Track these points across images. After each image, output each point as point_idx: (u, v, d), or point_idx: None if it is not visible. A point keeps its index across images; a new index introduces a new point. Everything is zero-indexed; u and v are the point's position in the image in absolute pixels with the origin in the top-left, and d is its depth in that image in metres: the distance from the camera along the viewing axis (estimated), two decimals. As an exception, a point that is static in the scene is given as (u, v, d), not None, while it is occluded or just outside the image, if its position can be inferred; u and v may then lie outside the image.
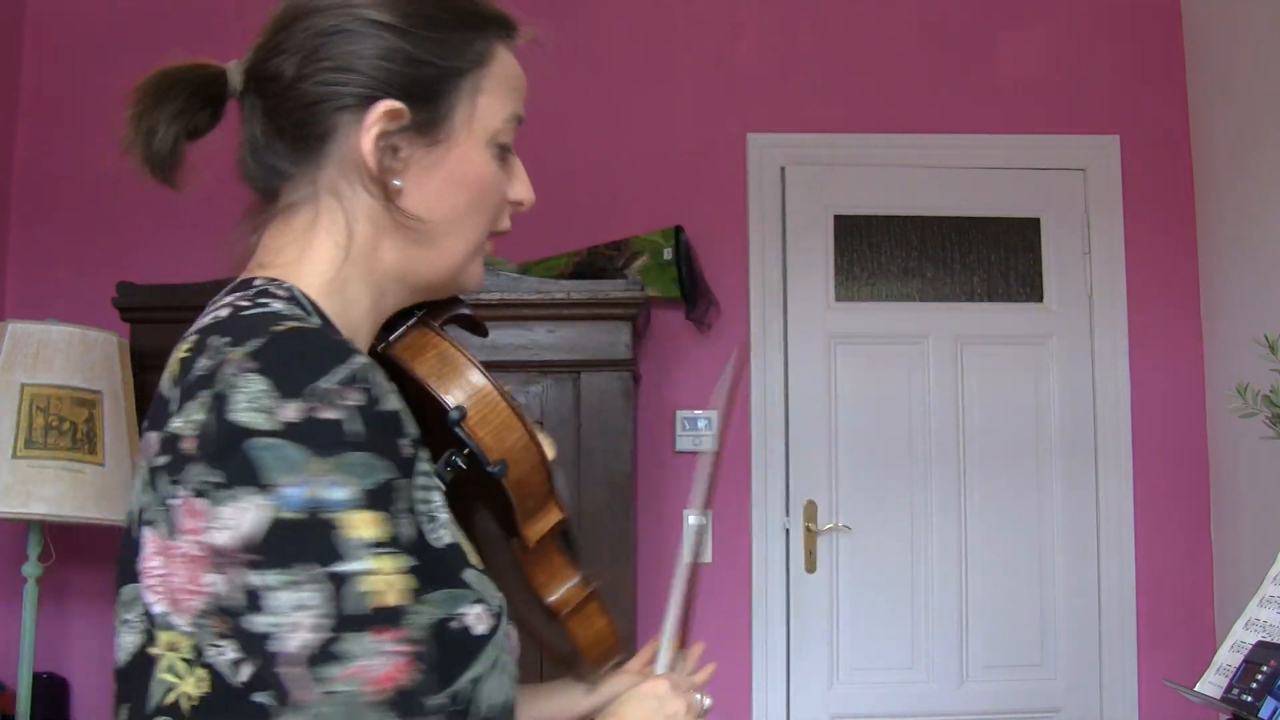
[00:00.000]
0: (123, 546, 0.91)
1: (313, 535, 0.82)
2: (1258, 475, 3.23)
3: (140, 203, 3.59)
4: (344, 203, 1.00)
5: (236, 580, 0.82)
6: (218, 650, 0.84)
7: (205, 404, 0.85)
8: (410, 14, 0.99)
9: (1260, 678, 1.85)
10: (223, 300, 0.96)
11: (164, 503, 0.86)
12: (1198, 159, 3.62)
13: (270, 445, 0.82)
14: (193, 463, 0.84)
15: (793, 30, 3.69)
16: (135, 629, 0.88)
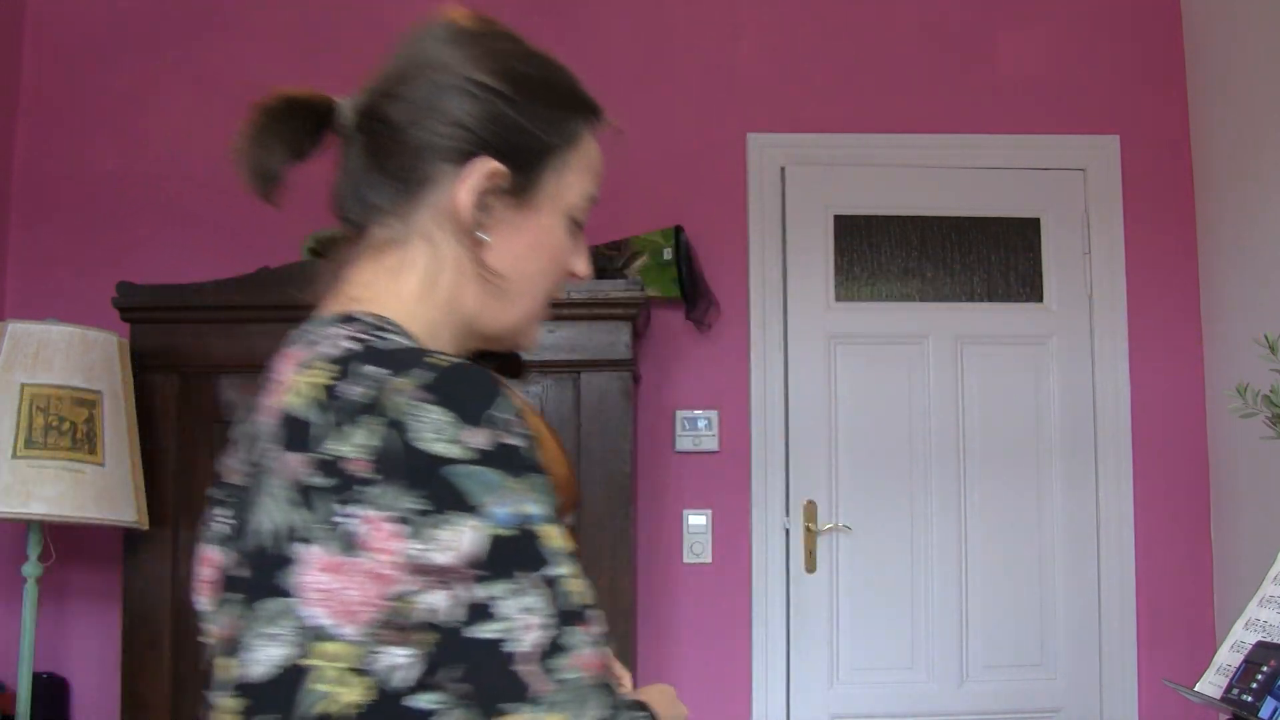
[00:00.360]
0: (256, 565, 0.94)
1: (526, 547, 0.91)
2: (1258, 475, 3.23)
3: (140, 203, 3.59)
4: (435, 248, 1.06)
5: (462, 595, 0.89)
6: (384, 659, 0.90)
7: (377, 430, 0.90)
8: (520, 86, 1.09)
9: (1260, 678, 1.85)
10: (334, 331, 1.02)
11: (329, 521, 0.90)
12: (1198, 159, 3.62)
13: (470, 472, 0.90)
14: (372, 485, 0.89)
15: (793, 30, 3.69)
16: (284, 641, 0.92)
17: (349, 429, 0.91)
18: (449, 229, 1.05)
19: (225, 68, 3.64)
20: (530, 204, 1.08)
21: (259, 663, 0.92)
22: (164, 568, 3.00)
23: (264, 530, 0.93)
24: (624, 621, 2.98)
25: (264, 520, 0.94)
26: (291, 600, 0.91)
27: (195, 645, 2.98)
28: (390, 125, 1.10)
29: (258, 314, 3.05)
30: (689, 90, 3.66)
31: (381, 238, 1.08)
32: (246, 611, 0.94)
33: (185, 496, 3.03)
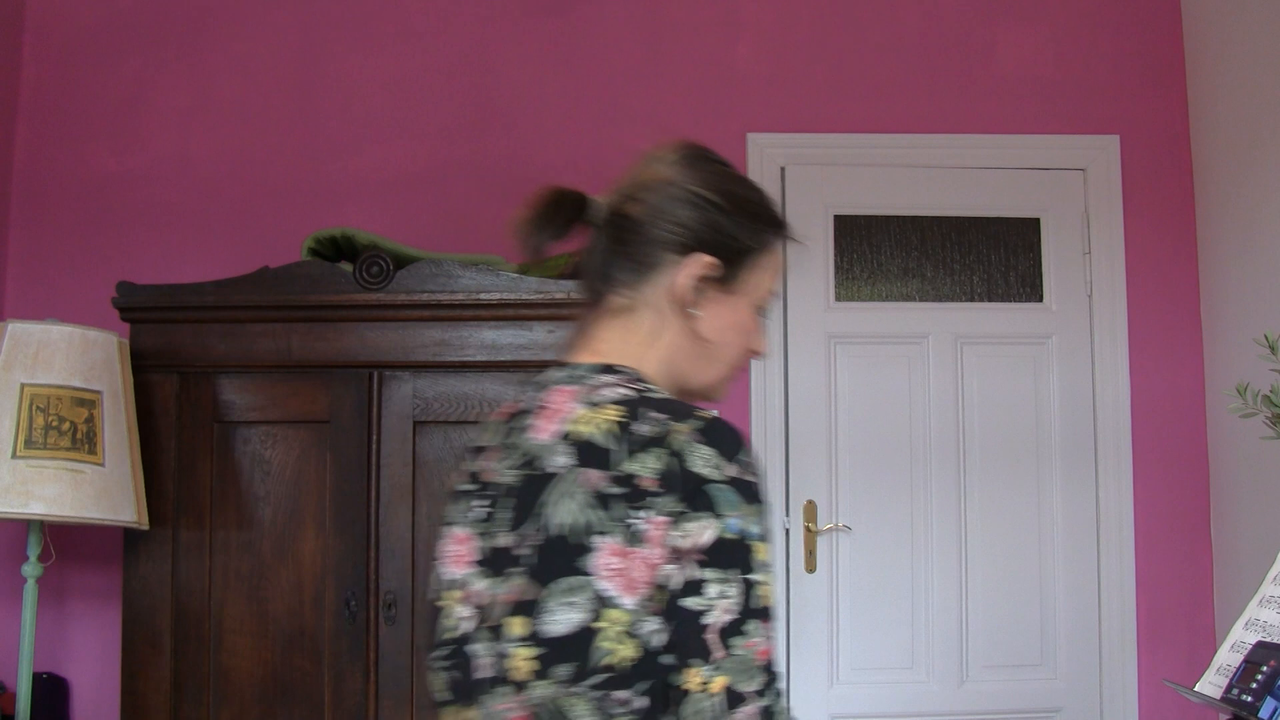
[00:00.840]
0: (552, 549, 1.24)
1: (740, 552, 1.22)
2: (1258, 475, 3.23)
3: (140, 203, 3.59)
4: (659, 317, 1.41)
5: (686, 572, 1.20)
6: (647, 625, 1.21)
7: (662, 458, 1.24)
8: (730, 200, 1.42)
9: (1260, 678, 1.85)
10: (604, 379, 1.35)
11: (621, 521, 1.23)
12: (1198, 159, 3.62)
13: (721, 489, 1.23)
14: (657, 496, 1.23)
15: (793, 30, 3.69)
16: (581, 608, 1.22)
17: (641, 455, 1.24)
18: (670, 304, 1.40)
19: (225, 68, 3.64)
20: (731, 291, 1.42)
21: (559, 622, 1.22)
22: (164, 568, 3.00)
23: (563, 524, 1.24)
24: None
25: (562, 516, 1.24)
26: (589, 578, 1.22)
27: (195, 645, 2.99)
28: (632, 222, 1.43)
29: (258, 314, 3.06)
30: (688, 90, 3.66)
31: (618, 305, 1.43)
32: (535, 583, 1.24)
33: (185, 496, 3.03)
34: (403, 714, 2.98)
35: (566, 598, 1.22)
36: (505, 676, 1.25)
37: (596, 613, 1.20)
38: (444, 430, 3.06)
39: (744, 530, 1.22)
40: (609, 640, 1.20)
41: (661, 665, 1.20)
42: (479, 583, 1.31)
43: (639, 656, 1.20)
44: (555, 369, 1.43)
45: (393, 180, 3.59)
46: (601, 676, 1.20)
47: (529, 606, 1.23)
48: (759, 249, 1.43)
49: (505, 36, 3.67)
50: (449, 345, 3.07)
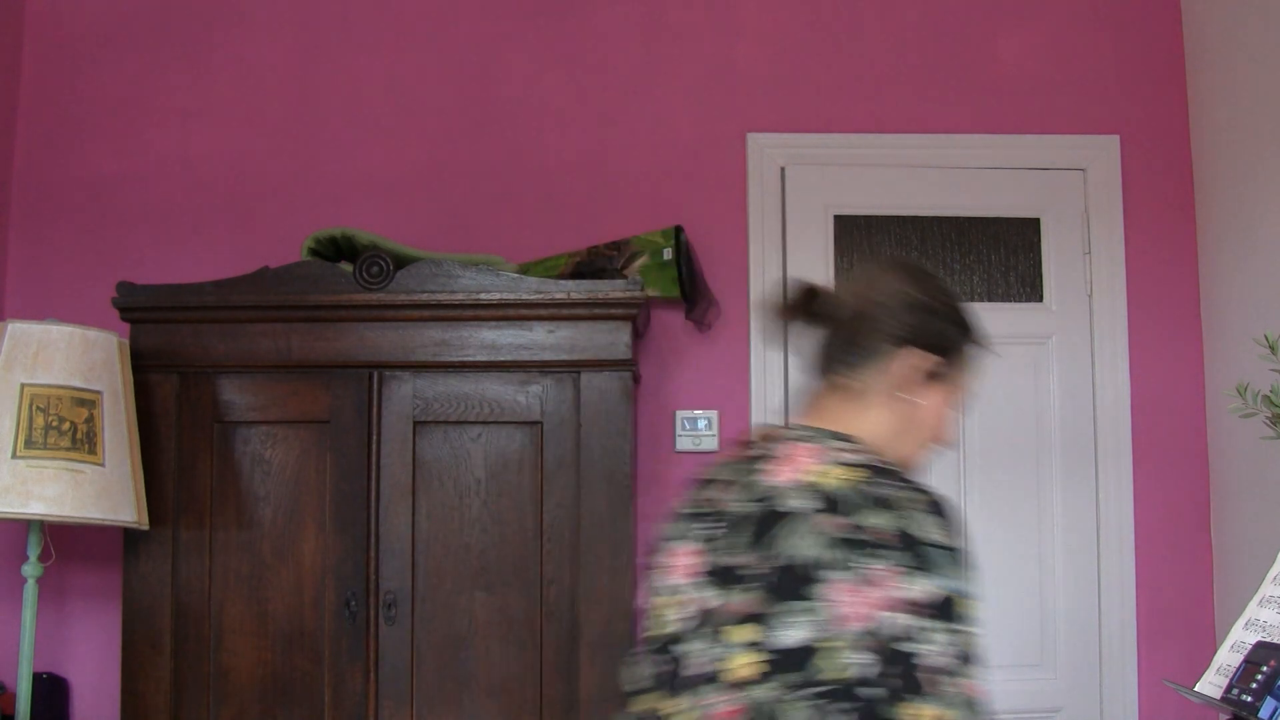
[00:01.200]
0: (786, 574, 1.46)
1: (958, 608, 1.44)
2: (1258, 475, 3.23)
3: (140, 203, 3.59)
4: (879, 398, 1.66)
5: (908, 620, 1.41)
6: (857, 657, 1.41)
7: (895, 519, 1.46)
8: (946, 312, 1.69)
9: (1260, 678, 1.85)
10: (840, 444, 1.58)
11: (854, 563, 1.44)
12: (1198, 159, 3.62)
13: (944, 554, 1.46)
14: (890, 550, 1.44)
15: (793, 30, 3.69)
16: (807, 627, 1.43)
17: (878, 513, 1.47)
18: (889, 387, 1.66)
19: (225, 68, 3.64)
20: (938, 385, 1.69)
21: (788, 637, 1.43)
22: (164, 568, 3.00)
23: (797, 555, 1.46)
24: (624, 622, 2.98)
25: (797, 549, 1.46)
26: (816, 604, 1.43)
27: (195, 645, 2.99)
28: (865, 319, 1.66)
29: (258, 314, 3.06)
30: (689, 90, 3.66)
31: (844, 383, 1.67)
32: (768, 599, 1.46)
33: (185, 496, 3.03)
34: (403, 714, 2.98)
35: (797, 616, 1.44)
36: (718, 676, 1.47)
37: (821, 633, 1.42)
38: (444, 430, 3.06)
39: (960, 590, 1.45)
40: (825, 659, 1.41)
41: (859, 695, 1.40)
42: (703, 592, 1.55)
43: (846, 680, 1.40)
44: (787, 428, 1.67)
45: (393, 180, 3.60)
46: (821, 688, 1.41)
47: (759, 618, 1.45)
48: (962, 352, 1.72)
49: (505, 37, 3.67)
50: (449, 345, 3.07)
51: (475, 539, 3.04)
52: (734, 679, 1.45)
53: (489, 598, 3.02)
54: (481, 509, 3.05)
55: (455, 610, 3.02)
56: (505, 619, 3.01)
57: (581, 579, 2.99)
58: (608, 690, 2.95)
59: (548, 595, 3.01)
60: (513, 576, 3.02)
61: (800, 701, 1.41)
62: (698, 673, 1.50)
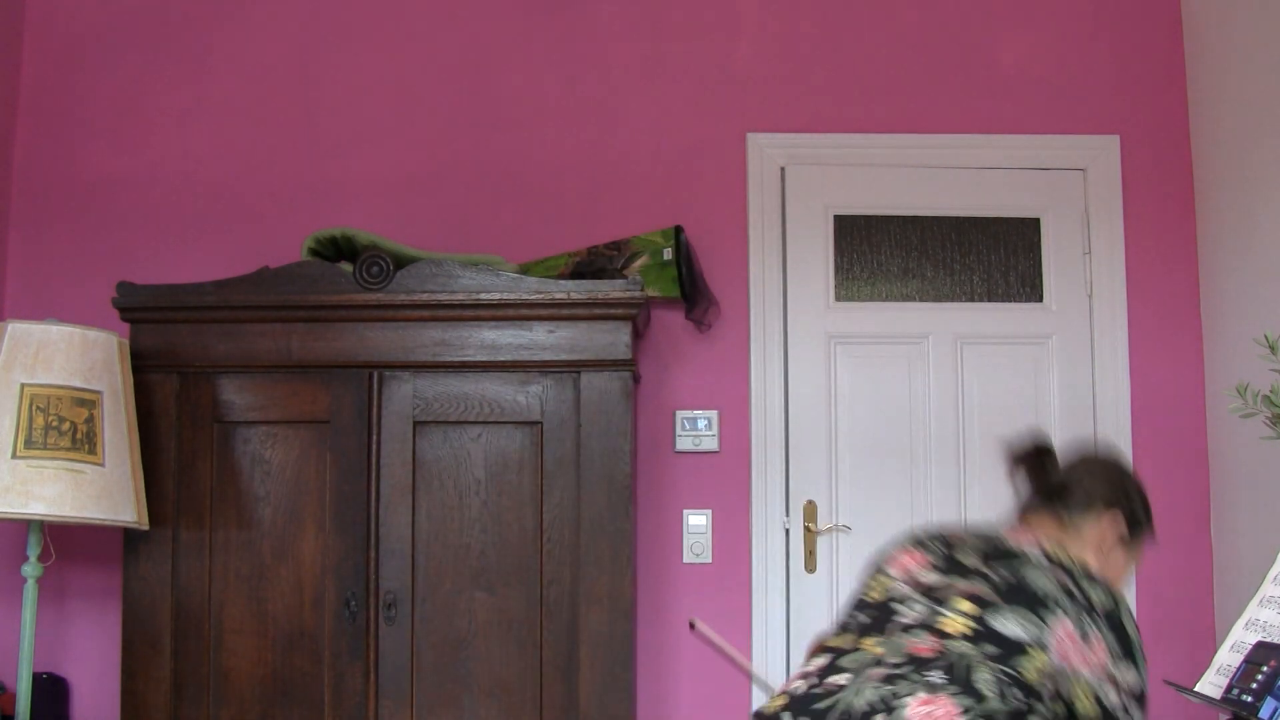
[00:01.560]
0: (1021, 589, 1.85)
1: (1138, 689, 1.82)
2: (1258, 475, 3.23)
3: (140, 203, 3.59)
4: (1093, 543, 2.10)
5: (1120, 700, 1.81)
6: (1057, 684, 1.79)
7: (1106, 599, 1.85)
8: (1142, 497, 2.16)
9: (1260, 678, 1.85)
10: (1078, 561, 1.93)
11: (1078, 616, 1.82)
12: (1198, 159, 3.62)
13: (1134, 644, 1.83)
14: (1100, 620, 1.82)
15: (793, 30, 3.69)
16: (1025, 631, 1.80)
17: (1095, 587, 1.85)
18: (1096, 537, 2.10)
19: (225, 68, 3.64)
20: (1127, 546, 2.12)
21: (1006, 628, 1.79)
22: (164, 568, 3.00)
23: (1034, 582, 1.85)
24: (624, 621, 2.98)
25: (1034, 578, 1.85)
26: (1041, 624, 1.80)
27: (195, 645, 3.00)
28: (1090, 483, 2.15)
29: (258, 314, 3.06)
30: (688, 90, 3.66)
31: (1061, 518, 2.12)
32: (996, 595, 1.83)
33: (185, 496, 3.03)
34: (403, 714, 2.98)
35: (1021, 620, 1.80)
36: (930, 625, 1.83)
37: (1034, 646, 1.77)
38: (444, 430, 3.06)
39: (1140, 679, 1.83)
40: (1027, 666, 1.76)
41: (1034, 706, 1.75)
42: (926, 576, 1.94)
43: (1031, 684, 1.75)
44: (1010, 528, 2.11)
45: (393, 180, 3.60)
46: (1011, 674, 1.75)
47: (982, 603, 1.82)
48: (1142, 529, 2.15)
49: (505, 36, 3.67)
50: (449, 345, 3.06)
51: (475, 539, 3.04)
52: (943, 630, 1.81)
53: (489, 598, 3.02)
54: (481, 509, 3.05)
55: (455, 610, 3.02)
56: (505, 619, 3.01)
57: (581, 579, 2.99)
58: (608, 690, 2.95)
59: (548, 595, 3.00)
60: (513, 576, 3.02)
61: (989, 669, 1.74)
62: (912, 622, 1.86)
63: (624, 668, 2.96)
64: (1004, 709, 1.71)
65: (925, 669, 1.76)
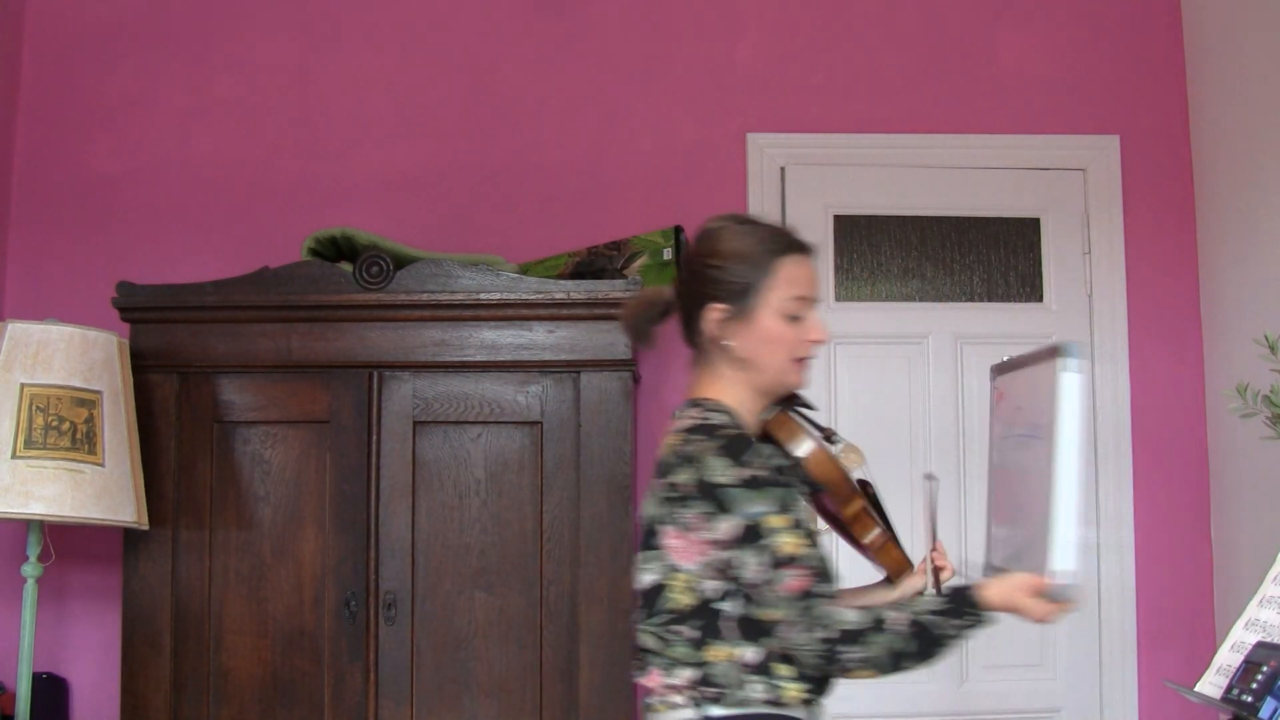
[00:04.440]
0: (645, 532, 1.92)
1: (755, 530, 1.80)
2: (1258, 475, 3.23)
3: (140, 203, 3.59)
4: (714, 355, 1.97)
5: (726, 554, 1.82)
6: (708, 584, 1.84)
7: (694, 472, 1.83)
8: (727, 257, 1.95)
9: (1260, 678, 1.85)
10: (690, 411, 1.93)
11: (674, 515, 1.86)
12: (1198, 159, 3.62)
13: (732, 491, 1.81)
14: (693, 499, 1.83)
15: (793, 30, 3.68)
16: (656, 572, 1.87)
17: (683, 468, 1.85)
18: (714, 345, 1.96)
19: (225, 68, 3.64)
20: (748, 317, 1.93)
21: (643, 581, 1.90)
22: (164, 568, 3.00)
23: (646, 514, 1.92)
24: (624, 621, 2.98)
25: (646, 509, 1.93)
26: (660, 550, 1.87)
27: (195, 645, 2.99)
28: (680, 293, 2.02)
29: (258, 314, 3.06)
30: (689, 90, 3.66)
31: (697, 354, 2.01)
32: (638, 556, 1.93)
33: (185, 496, 3.03)
34: (403, 714, 2.98)
35: (646, 563, 1.90)
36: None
37: (664, 575, 1.87)
38: (444, 430, 3.06)
39: (754, 514, 1.80)
40: (674, 593, 1.86)
41: (716, 610, 1.84)
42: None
43: (697, 604, 1.84)
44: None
45: (393, 180, 3.59)
46: (666, 617, 1.86)
47: (638, 568, 1.93)
48: (763, 277, 1.93)
49: (505, 36, 3.67)
50: (449, 345, 3.07)
51: (475, 539, 3.04)
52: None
53: (489, 598, 3.02)
54: (481, 509, 3.05)
55: (455, 610, 3.02)
56: (505, 619, 3.01)
57: (581, 579, 2.99)
58: (608, 690, 2.96)
59: (548, 595, 3.01)
60: (513, 576, 3.03)
61: (646, 631, 1.88)
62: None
63: (624, 668, 2.96)
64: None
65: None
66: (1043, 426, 1.87)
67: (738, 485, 1.79)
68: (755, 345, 1.93)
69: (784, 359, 1.95)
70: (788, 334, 1.94)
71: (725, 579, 1.82)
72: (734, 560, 1.80)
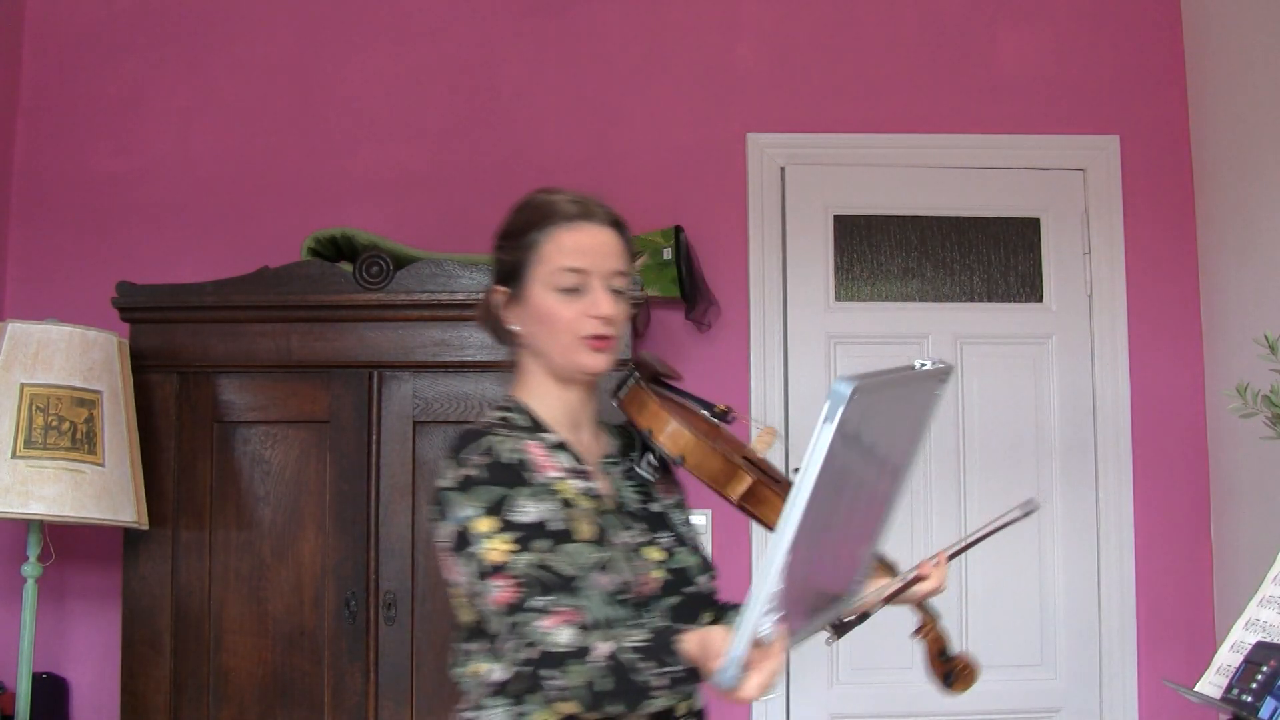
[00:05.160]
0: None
1: (464, 535, 1.62)
2: (1258, 475, 3.23)
3: (140, 203, 3.59)
4: (516, 345, 1.80)
5: (452, 563, 1.65)
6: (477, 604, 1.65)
7: (439, 484, 1.68)
8: (502, 235, 1.81)
9: (1260, 678, 1.85)
10: (470, 429, 1.74)
11: (439, 537, 1.68)
12: (1198, 159, 3.62)
13: (448, 494, 1.65)
14: (433, 507, 1.69)
15: (793, 30, 3.68)
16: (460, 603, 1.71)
17: (441, 474, 1.69)
18: (503, 336, 1.81)
19: (225, 68, 3.64)
20: (523, 298, 1.76)
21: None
22: (164, 568, 3.00)
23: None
24: (624, 621, 2.98)
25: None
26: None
27: (195, 645, 2.99)
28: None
29: (258, 314, 3.06)
30: (688, 90, 3.66)
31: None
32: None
33: (185, 496, 3.03)
34: (403, 714, 2.98)
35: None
36: None
37: (452, 590, 1.72)
38: (444, 430, 3.06)
39: (462, 518, 1.62)
40: (460, 610, 1.72)
41: (483, 630, 1.67)
42: None
43: (475, 619, 1.69)
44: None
45: (393, 180, 3.59)
46: (460, 635, 1.74)
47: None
48: (530, 251, 1.75)
49: (505, 36, 3.67)
50: (449, 345, 3.07)
51: (475, 539, 3.04)
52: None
53: (489, 598, 3.02)
54: (481, 509, 3.05)
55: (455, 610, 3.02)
56: (505, 619, 3.01)
57: (581, 579, 2.99)
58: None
59: (548, 595, 3.00)
60: (513, 576, 3.02)
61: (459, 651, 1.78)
62: None
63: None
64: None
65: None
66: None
67: (453, 487, 1.63)
68: (534, 327, 1.74)
69: (566, 339, 1.72)
70: (562, 310, 1.72)
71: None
72: (453, 569, 1.64)
